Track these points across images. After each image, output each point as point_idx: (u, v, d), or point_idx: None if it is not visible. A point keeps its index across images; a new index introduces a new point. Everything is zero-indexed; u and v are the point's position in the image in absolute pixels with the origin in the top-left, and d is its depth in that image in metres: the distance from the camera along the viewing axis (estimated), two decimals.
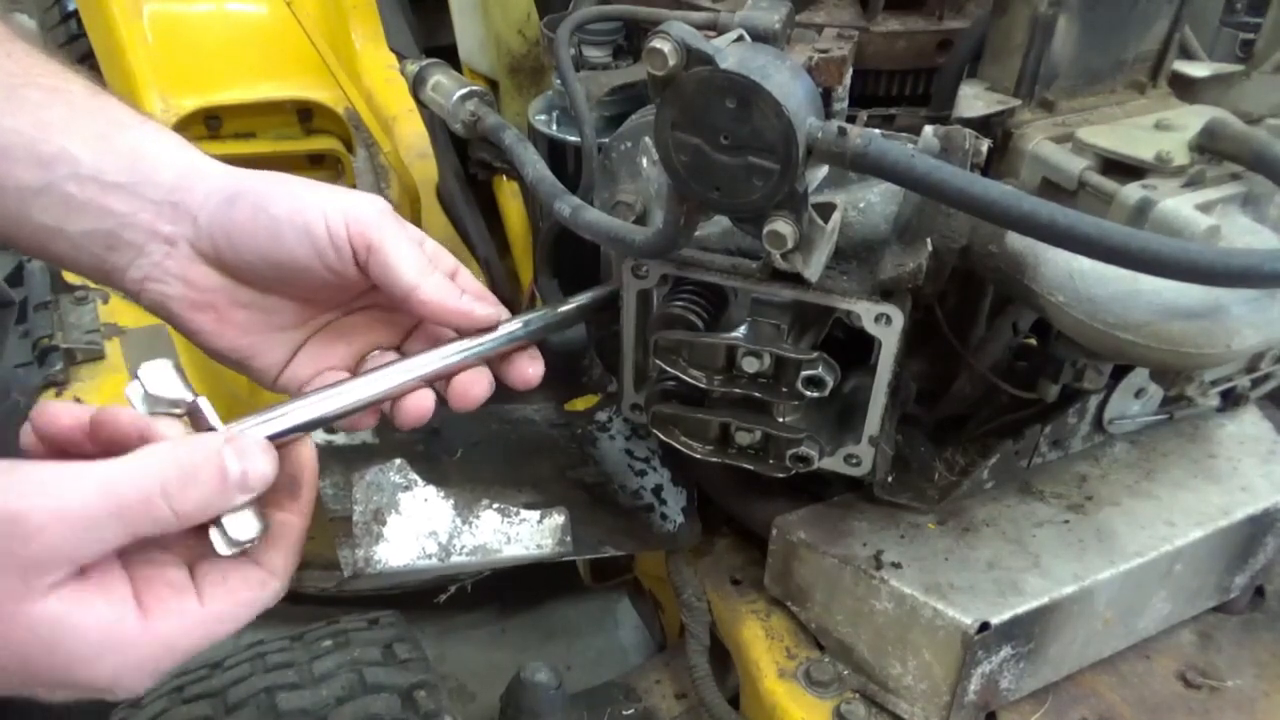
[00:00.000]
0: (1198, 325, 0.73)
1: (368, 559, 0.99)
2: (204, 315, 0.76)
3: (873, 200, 0.89)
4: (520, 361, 0.82)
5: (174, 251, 0.74)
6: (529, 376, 0.82)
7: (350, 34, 1.87)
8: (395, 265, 0.73)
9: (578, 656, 1.74)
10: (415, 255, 0.75)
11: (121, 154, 0.73)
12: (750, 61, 0.69)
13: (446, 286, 0.76)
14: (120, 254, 0.74)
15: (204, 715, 0.95)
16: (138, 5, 1.85)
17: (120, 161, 0.72)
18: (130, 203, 0.72)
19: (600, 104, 1.09)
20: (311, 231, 0.73)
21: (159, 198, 0.73)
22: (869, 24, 0.99)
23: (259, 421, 0.68)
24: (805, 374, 0.82)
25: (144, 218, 0.73)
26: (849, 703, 0.96)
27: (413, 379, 0.76)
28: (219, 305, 0.76)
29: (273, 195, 0.74)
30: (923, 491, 1.01)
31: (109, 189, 0.72)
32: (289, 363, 0.80)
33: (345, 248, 0.73)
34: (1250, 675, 1.02)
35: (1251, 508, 1.01)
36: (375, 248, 0.73)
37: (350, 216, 0.73)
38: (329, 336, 0.81)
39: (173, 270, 0.74)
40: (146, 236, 0.73)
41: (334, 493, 1.00)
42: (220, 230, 0.73)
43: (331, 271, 0.74)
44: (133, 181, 0.72)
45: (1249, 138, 0.77)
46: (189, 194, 0.74)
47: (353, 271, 0.74)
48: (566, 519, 1.06)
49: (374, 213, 0.75)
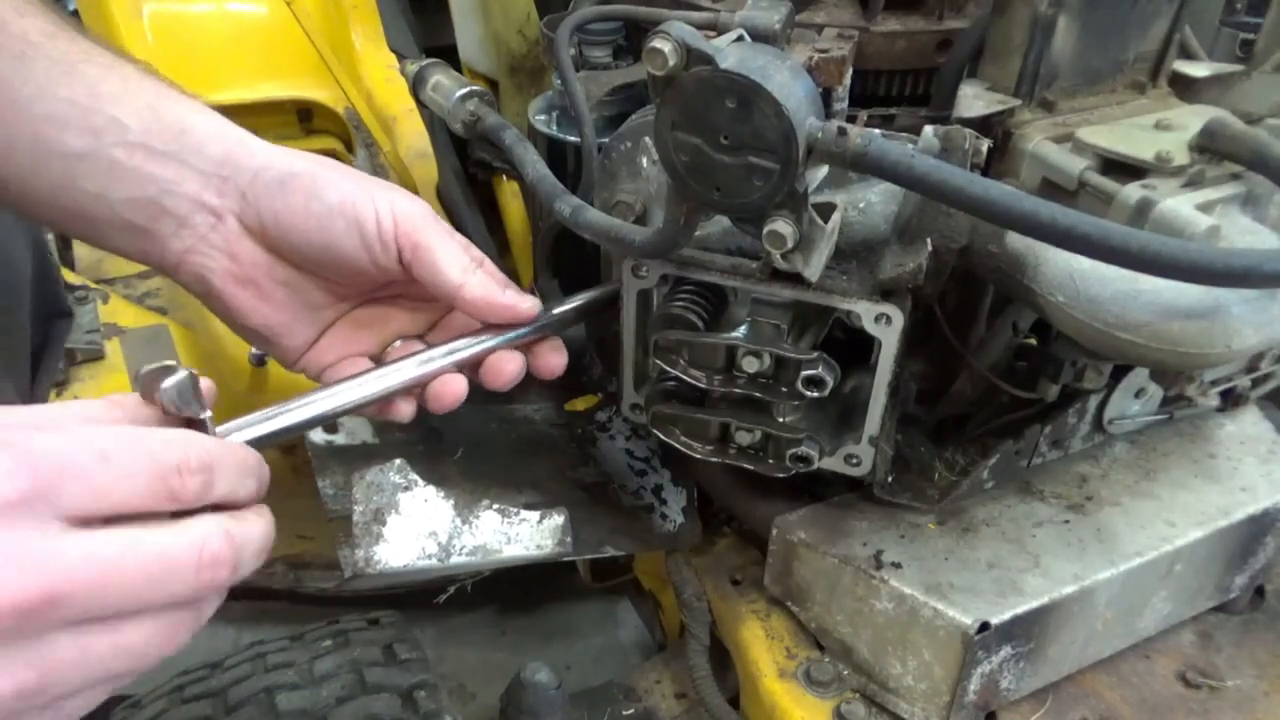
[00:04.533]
0: (1198, 325, 0.73)
1: (368, 559, 0.99)
2: (245, 290, 0.77)
3: (873, 200, 0.89)
4: (544, 352, 0.85)
5: (220, 225, 0.75)
6: (554, 365, 0.86)
7: (350, 34, 1.87)
8: (442, 264, 0.77)
9: (578, 656, 1.74)
10: (459, 254, 0.78)
11: (169, 124, 0.74)
12: (750, 61, 0.69)
13: (490, 284, 0.79)
14: (163, 223, 0.74)
15: (204, 715, 0.95)
16: (138, 5, 1.85)
17: (168, 131, 0.73)
18: (177, 171, 0.73)
19: (600, 104, 1.09)
20: (363, 225, 0.75)
21: (207, 169, 0.74)
22: (869, 24, 0.99)
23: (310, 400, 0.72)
24: (805, 374, 0.82)
25: (190, 187, 0.74)
26: (849, 703, 0.96)
27: (449, 363, 0.80)
28: (260, 281, 0.78)
29: (326, 183, 0.76)
30: (923, 491, 1.01)
31: (156, 156, 0.72)
32: (313, 344, 0.81)
33: (392, 244, 0.76)
34: (1250, 675, 1.02)
35: (1251, 508, 1.01)
36: (423, 246, 0.76)
37: (399, 214, 0.76)
38: (355, 323, 0.83)
39: (217, 243, 0.75)
40: (192, 207, 0.74)
41: (334, 493, 1.00)
42: (269, 210, 0.75)
43: (374, 264, 0.77)
44: (180, 150, 0.73)
45: (1249, 138, 0.77)
46: (237, 169, 0.75)
47: (395, 266, 0.77)
48: (566, 519, 1.06)
49: (421, 212, 0.78)
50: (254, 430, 0.69)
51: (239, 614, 1.71)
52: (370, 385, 0.77)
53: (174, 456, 0.55)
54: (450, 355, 0.81)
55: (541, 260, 1.15)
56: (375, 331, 0.84)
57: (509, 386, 0.83)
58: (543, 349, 0.85)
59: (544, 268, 1.15)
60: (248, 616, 1.71)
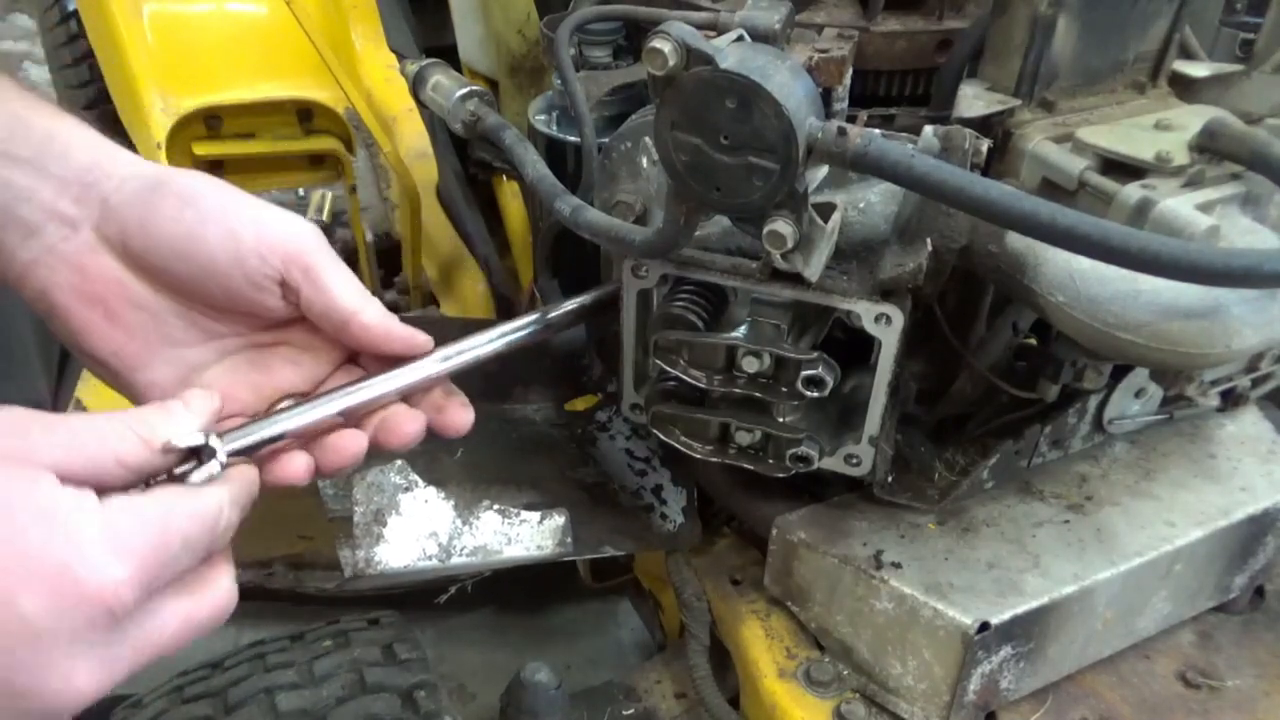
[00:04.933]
0: (1198, 325, 0.73)
1: (368, 560, 0.99)
2: (92, 311, 0.69)
3: (873, 200, 0.89)
4: (451, 409, 0.76)
5: (73, 236, 0.69)
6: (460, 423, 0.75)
7: (350, 34, 1.87)
8: (334, 289, 0.70)
9: (578, 656, 1.74)
10: (354, 281, 0.71)
11: (35, 131, 0.68)
12: (750, 61, 0.69)
13: (386, 312, 0.72)
14: (10, 232, 0.68)
15: (204, 715, 0.95)
16: (138, 5, 1.85)
17: (32, 137, 0.68)
18: (33, 178, 0.67)
19: (600, 104, 1.09)
20: (239, 235, 0.68)
21: (68, 176, 0.68)
22: (869, 24, 0.99)
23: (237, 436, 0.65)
24: (805, 374, 0.82)
25: (45, 195, 0.68)
26: (849, 703, 0.96)
27: (389, 391, 0.72)
28: (110, 301, 0.70)
29: (203, 192, 0.70)
30: (923, 491, 1.01)
31: (12, 162, 0.67)
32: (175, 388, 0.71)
33: (273, 261, 0.69)
34: (1250, 675, 1.02)
35: (1251, 508, 1.01)
36: (314, 268, 0.69)
37: (288, 231, 0.70)
38: (231, 372, 0.73)
39: (67, 256, 0.69)
40: (45, 215, 0.68)
41: (334, 493, 1.01)
42: (135, 216, 0.68)
43: (250, 283, 0.69)
44: (40, 156, 0.67)
45: (1249, 138, 0.77)
46: (103, 176, 0.69)
47: (273, 288, 0.70)
48: (566, 519, 1.06)
49: (312, 235, 0.71)
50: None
51: (239, 614, 1.71)
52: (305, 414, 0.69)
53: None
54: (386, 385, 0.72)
55: (541, 260, 1.15)
56: (255, 386, 0.73)
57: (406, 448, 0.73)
58: (452, 405, 0.76)
59: (544, 268, 1.15)
60: (248, 616, 1.70)
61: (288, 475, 0.68)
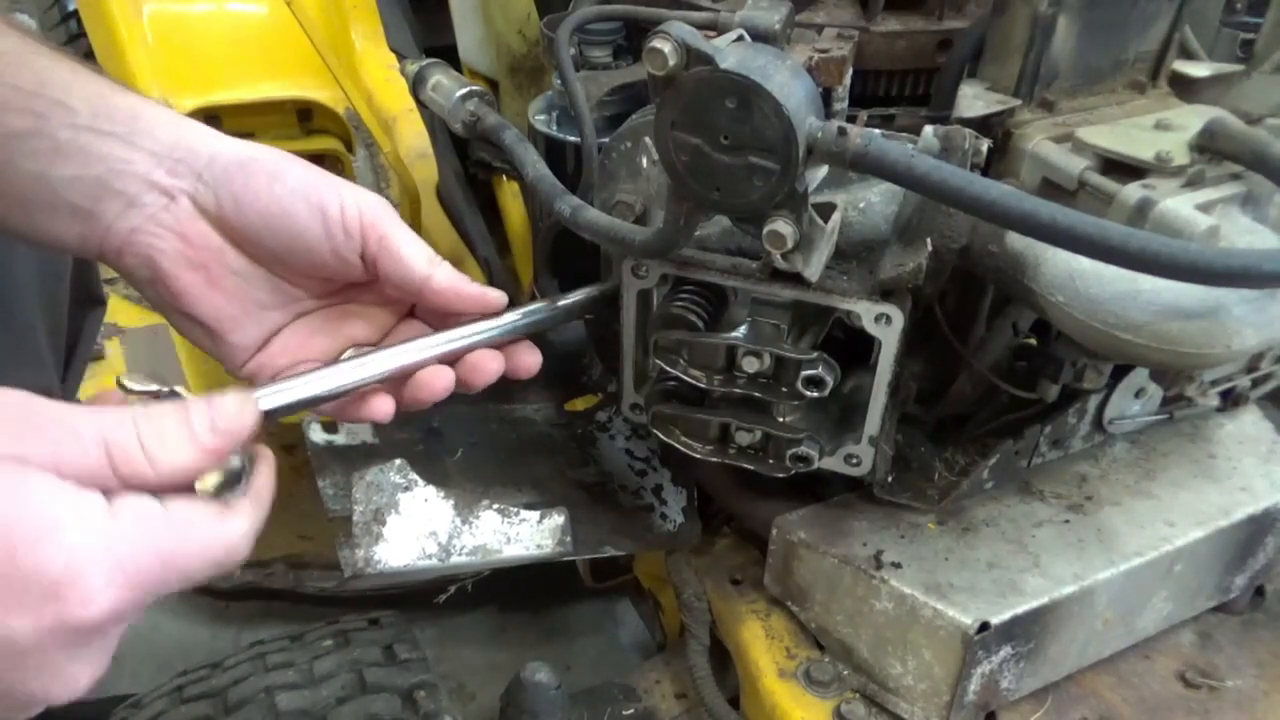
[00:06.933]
0: (1198, 325, 0.73)
1: (368, 559, 0.99)
2: (195, 274, 0.74)
3: (873, 200, 0.89)
4: (520, 352, 0.83)
5: (173, 205, 0.72)
6: (529, 364, 0.84)
7: (350, 34, 1.87)
8: (408, 255, 0.75)
9: (578, 656, 1.74)
10: (424, 247, 0.77)
11: (120, 109, 0.71)
12: (750, 61, 0.69)
13: (458, 274, 0.78)
14: (109, 204, 0.70)
15: (204, 715, 0.95)
16: (138, 5, 1.85)
17: (118, 115, 0.70)
18: (127, 150, 0.70)
19: (600, 104, 1.09)
20: (326, 210, 0.73)
21: (159, 150, 0.71)
22: (869, 24, 0.99)
23: (271, 391, 0.70)
24: (805, 374, 0.82)
25: (140, 167, 0.70)
26: (849, 703, 0.96)
27: (430, 356, 0.78)
28: (212, 266, 0.74)
29: (288, 169, 0.74)
30: (923, 491, 1.01)
31: (104, 137, 0.69)
32: (262, 347, 0.78)
33: (356, 232, 0.74)
34: (1250, 675, 1.02)
35: (1251, 508, 1.01)
36: (388, 237, 0.75)
37: (364, 204, 0.75)
38: (307, 328, 0.80)
39: (169, 224, 0.72)
40: (142, 186, 0.71)
41: (334, 493, 1.01)
42: (227, 192, 0.72)
43: (335, 254, 0.74)
44: (130, 132, 0.70)
45: (1249, 138, 0.77)
46: (191, 153, 0.72)
47: (355, 259, 0.75)
48: (566, 519, 1.06)
49: (384, 206, 0.76)
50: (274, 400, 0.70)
51: (239, 614, 1.72)
52: (358, 370, 0.75)
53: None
54: (438, 346, 0.79)
55: (541, 260, 1.15)
56: (328, 337, 0.80)
57: (487, 385, 0.81)
58: (519, 349, 0.83)
59: (544, 268, 1.15)
60: (248, 616, 1.71)
61: (374, 414, 0.77)
